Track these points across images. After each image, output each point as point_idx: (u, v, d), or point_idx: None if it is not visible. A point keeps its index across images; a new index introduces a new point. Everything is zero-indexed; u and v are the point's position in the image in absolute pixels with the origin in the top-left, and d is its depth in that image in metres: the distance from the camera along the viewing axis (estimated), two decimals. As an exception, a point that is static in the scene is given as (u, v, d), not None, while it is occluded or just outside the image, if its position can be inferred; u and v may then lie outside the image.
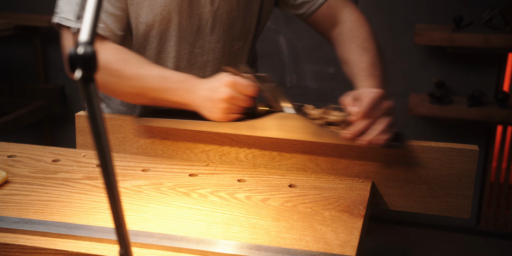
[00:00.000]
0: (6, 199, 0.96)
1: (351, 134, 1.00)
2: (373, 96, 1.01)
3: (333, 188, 1.02)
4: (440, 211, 1.05)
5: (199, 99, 1.06)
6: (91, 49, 0.55)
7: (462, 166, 1.02)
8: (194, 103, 1.07)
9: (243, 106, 1.05)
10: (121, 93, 1.14)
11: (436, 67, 2.53)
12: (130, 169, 1.09)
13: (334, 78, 2.69)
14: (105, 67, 1.09)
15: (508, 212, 2.62)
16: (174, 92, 1.08)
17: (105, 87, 1.14)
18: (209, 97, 1.04)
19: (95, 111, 0.57)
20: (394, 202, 1.07)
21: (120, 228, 0.61)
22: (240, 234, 0.85)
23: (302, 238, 0.84)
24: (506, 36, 2.20)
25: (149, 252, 0.81)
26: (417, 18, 2.49)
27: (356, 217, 0.91)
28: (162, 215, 0.91)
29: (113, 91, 1.15)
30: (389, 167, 1.05)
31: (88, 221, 0.88)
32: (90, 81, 0.55)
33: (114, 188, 0.60)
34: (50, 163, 1.12)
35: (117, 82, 1.11)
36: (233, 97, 1.03)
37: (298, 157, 1.09)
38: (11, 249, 0.83)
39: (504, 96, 2.33)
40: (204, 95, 1.05)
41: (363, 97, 1.01)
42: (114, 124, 1.17)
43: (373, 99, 1.00)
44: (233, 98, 1.03)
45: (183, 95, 1.07)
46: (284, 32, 2.67)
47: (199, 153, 1.14)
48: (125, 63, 1.10)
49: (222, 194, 0.99)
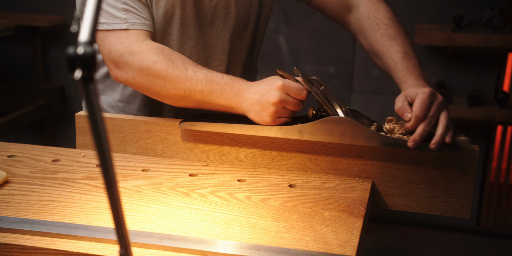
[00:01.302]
0: (6, 199, 0.96)
1: (413, 142, 0.98)
2: (424, 97, 0.98)
3: (333, 188, 1.02)
4: (440, 211, 1.05)
5: (247, 102, 1.03)
6: (91, 49, 0.55)
7: (462, 166, 1.02)
8: (242, 107, 1.04)
9: (294, 110, 1.03)
10: (166, 95, 1.09)
11: (436, 67, 2.53)
12: (130, 169, 1.09)
13: (334, 78, 2.68)
14: (149, 68, 1.06)
15: (508, 212, 2.62)
16: (221, 95, 1.05)
17: (149, 89, 1.10)
18: (258, 101, 1.02)
19: (95, 111, 0.57)
20: (394, 202, 1.07)
21: (120, 228, 0.61)
22: (240, 234, 0.85)
23: (302, 238, 0.84)
24: (506, 36, 2.20)
25: (149, 252, 0.81)
26: (417, 18, 2.49)
27: (356, 217, 0.91)
28: (162, 215, 0.91)
29: (156, 93, 1.10)
30: (389, 167, 1.05)
31: (88, 221, 0.88)
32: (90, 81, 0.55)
33: (114, 188, 0.60)
34: (50, 163, 1.12)
35: (163, 84, 1.07)
36: (283, 101, 1.01)
37: (298, 157, 1.09)
38: (11, 249, 0.83)
39: (504, 96, 2.33)
40: (253, 98, 1.02)
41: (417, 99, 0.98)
42: (114, 124, 1.17)
43: (425, 100, 0.98)
44: (284, 102, 1.01)
45: (230, 98, 1.05)
46: (284, 32, 2.67)
47: (199, 153, 1.14)
48: (170, 64, 1.06)
49: (222, 194, 0.99)
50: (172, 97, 1.09)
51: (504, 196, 2.59)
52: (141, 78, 1.08)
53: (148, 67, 1.06)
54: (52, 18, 2.81)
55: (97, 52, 1.23)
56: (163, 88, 1.07)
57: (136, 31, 1.10)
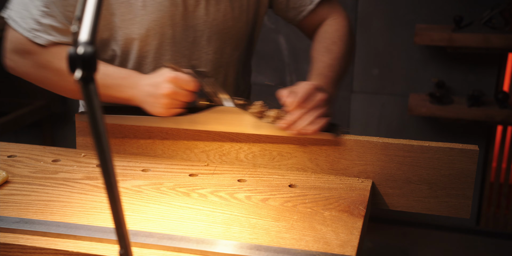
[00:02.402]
0: (6, 199, 0.96)
1: (285, 124, 1.04)
2: (307, 88, 1.05)
3: (333, 188, 1.02)
4: (440, 211, 1.05)
5: (141, 94, 1.08)
6: (91, 49, 0.55)
7: (462, 166, 1.02)
8: (137, 99, 1.09)
9: (185, 101, 1.07)
10: (63, 90, 1.17)
11: (436, 67, 2.53)
12: (130, 169, 1.09)
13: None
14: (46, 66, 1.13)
15: (508, 212, 2.62)
16: (117, 88, 1.10)
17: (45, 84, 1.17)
18: (151, 93, 1.06)
19: (95, 111, 0.57)
20: (394, 202, 1.07)
21: (120, 228, 0.61)
22: (240, 234, 0.85)
23: (302, 238, 0.84)
24: (506, 36, 2.20)
25: (149, 252, 0.81)
26: (417, 18, 2.49)
27: (356, 217, 0.91)
28: (162, 215, 0.91)
29: (54, 88, 1.18)
30: (389, 167, 1.05)
31: (88, 221, 0.88)
32: (90, 81, 0.55)
33: (114, 188, 0.60)
34: (50, 163, 1.12)
35: (59, 79, 1.14)
36: (174, 92, 1.05)
37: (298, 157, 1.09)
38: (11, 249, 0.83)
39: (504, 96, 2.33)
40: (146, 91, 1.07)
41: (298, 90, 1.05)
42: (114, 124, 1.17)
43: (307, 91, 1.04)
44: (175, 93, 1.05)
45: (126, 90, 1.10)
46: (284, 32, 2.67)
47: (199, 153, 1.14)
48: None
49: (222, 194, 0.99)
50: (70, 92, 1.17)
51: (504, 196, 2.59)
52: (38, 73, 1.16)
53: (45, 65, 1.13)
54: (52, 18, 2.80)
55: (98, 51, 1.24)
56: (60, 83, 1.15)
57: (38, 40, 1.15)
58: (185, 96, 1.06)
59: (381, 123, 2.71)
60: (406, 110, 2.51)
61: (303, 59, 2.70)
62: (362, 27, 2.57)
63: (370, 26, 2.56)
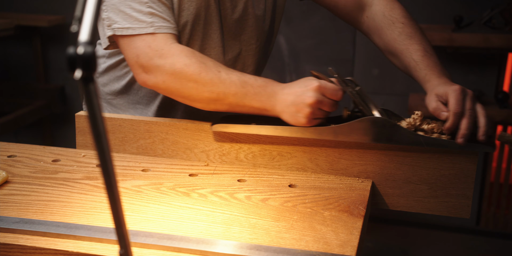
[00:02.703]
0: (6, 199, 0.96)
1: (462, 137, 0.98)
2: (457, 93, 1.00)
3: (333, 188, 1.02)
4: (440, 211, 1.05)
5: (282, 104, 1.03)
6: (91, 49, 0.55)
7: (462, 166, 1.02)
8: (276, 108, 1.04)
9: (329, 111, 1.03)
10: (198, 98, 1.06)
11: (436, 67, 2.53)
12: (130, 169, 1.09)
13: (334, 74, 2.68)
14: (182, 71, 1.04)
15: (508, 212, 2.62)
16: (255, 97, 1.04)
17: (180, 93, 1.07)
18: (294, 102, 1.01)
19: (95, 111, 0.57)
20: (394, 202, 1.07)
21: (120, 228, 0.61)
22: (240, 234, 0.85)
23: (302, 238, 0.84)
24: (506, 36, 2.20)
25: (149, 252, 0.81)
26: (417, 18, 2.48)
27: (356, 217, 0.91)
28: (162, 215, 0.91)
29: (188, 97, 1.07)
30: (389, 167, 1.05)
31: (88, 221, 0.88)
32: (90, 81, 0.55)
33: (114, 188, 0.60)
34: (50, 163, 1.12)
35: (195, 87, 1.04)
36: (319, 102, 1.00)
37: (298, 157, 1.09)
38: (11, 249, 0.83)
39: (504, 96, 2.33)
40: (288, 100, 1.02)
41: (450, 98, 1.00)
42: (114, 124, 1.17)
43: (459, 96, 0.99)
44: (320, 103, 1.00)
45: (264, 100, 1.04)
46: (284, 32, 2.67)
47: (199, 153, 1.14)
48: (203, 66, 1.04)
49: (222, 194, 0.99)
50: (204, 100, 1.06)
51: (504, 196, 2.59)
52: (172, 82, 1.05)
53: (180, 70, 1.03)
54: (52, 18, 2.81)
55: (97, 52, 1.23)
56: (195, 91, 1.05)
57: (163, 35, 1.07)
58: (330, 105, 1.01)
59: (381, 123, 2.70)
60: (406, 110, 2.51)
61: (303, 59, 2.70)
62: (362, 27, 2.57)
63: (370, 26, 2.56)
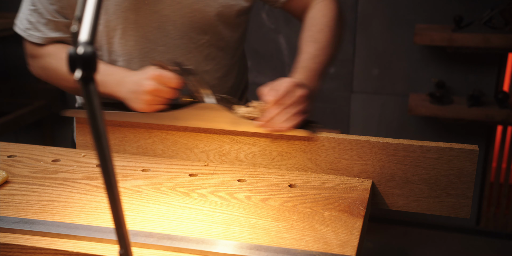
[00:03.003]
0: (6, 199, 0.96)
1: (263, 121, 1.05)
2: (286, 85, 1.05)
3: (333, 188, 1.02)
4: (440, 211, 1.05)
5: (125, 91, 1.12)
6: (91, 49, 0.55)
7: (462, 166, 1.02)
8: (121, 95, 1.14)
9: (167, 97, 1.10)
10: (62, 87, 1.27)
11: (436, 67, 2.54)
12: (130, 169, 1.09)
13: (334, 78, 2.69)
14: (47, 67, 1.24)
15: (508, 212, 2.62)
16: (103, 84, 1.15)
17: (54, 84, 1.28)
18: (134, 89, 1.10)
19: (95, 111, 0.57)
20: (394, 202, 1.07)
21: (120, 228, 0.61)
22: (240, 234, 0.85)
23: (302, 238, 0.84)
24: (506, 36, 2.20)
25: (149, 252, 0.81)
26: (417, 18, 2.49)
27: (356, 217, 0.91)
28: (162, 215, 0.91)
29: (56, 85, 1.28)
30: (389, 167, 1.05)
31: (88, 221, 0.88)
32: (90, 81, 0.55)
33: (114, 188, 0.60)
34: (50, 163, 1.12)
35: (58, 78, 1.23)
36: (156, 90, 1.07)
37: (298, 157, 1.09)
38: (11, 249, 0.83)
39: (504, 96, 2.33)
40: (130, 87, 1.11)
41: (278, 87, 1.05)
42: (114, 124, 1.17)
43: (286, 88, 1.04)
44: (157, 90, 1.08)
45: (112, 86, 1.14)
46: (284, 32, 2.67)
47: (199, 153, 1.14)
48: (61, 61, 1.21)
49: (222, 194, 0.99)
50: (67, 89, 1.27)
51: (504, 196, 2.59)
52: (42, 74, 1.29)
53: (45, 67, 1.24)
54: (52, 18, 2.80)
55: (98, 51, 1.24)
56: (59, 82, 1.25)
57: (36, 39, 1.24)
58: (167, 93, 1.09)
59: (381, 123, 2.71)
60: (406, 110, 2.51)
61: (303, 59, 2.70)
62: (362, 27, 2.57)
63: (370, 26, 2.56)
